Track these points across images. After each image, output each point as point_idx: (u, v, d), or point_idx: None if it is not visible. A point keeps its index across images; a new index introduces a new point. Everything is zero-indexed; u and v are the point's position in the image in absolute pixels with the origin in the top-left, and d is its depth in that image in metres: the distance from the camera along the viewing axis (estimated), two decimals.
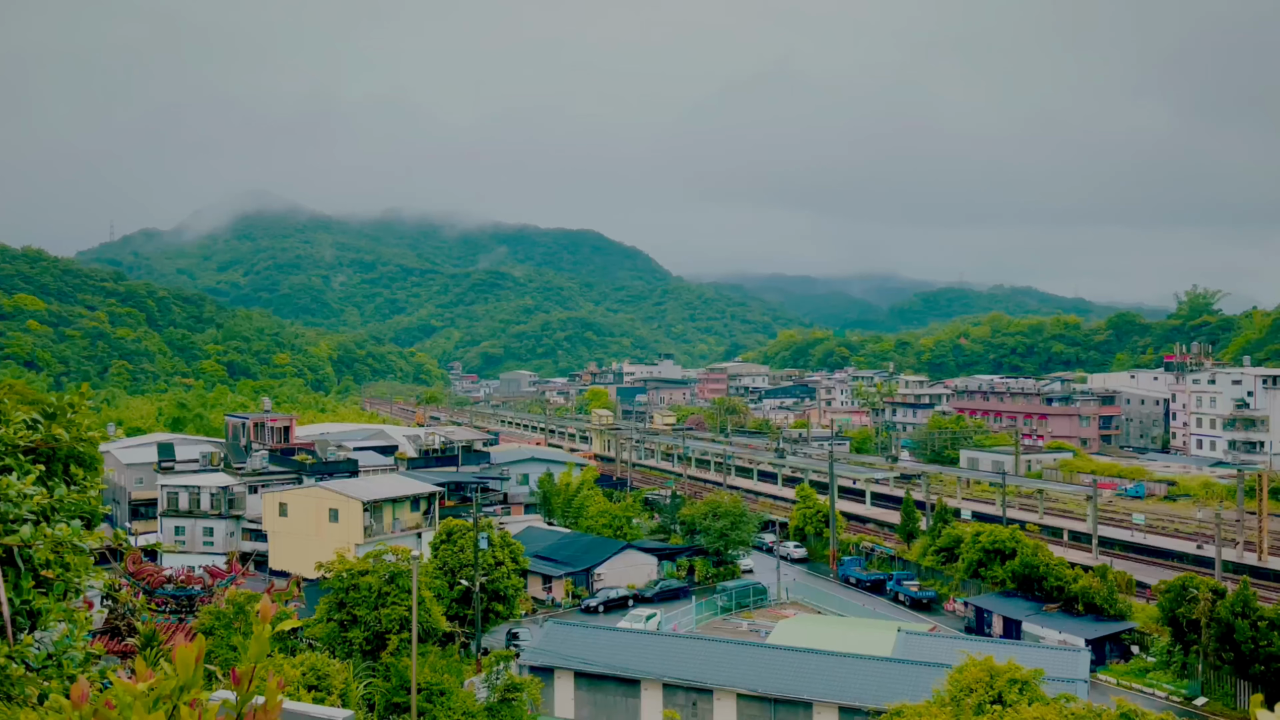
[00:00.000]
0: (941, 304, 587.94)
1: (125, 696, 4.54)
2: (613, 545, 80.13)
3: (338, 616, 43.59)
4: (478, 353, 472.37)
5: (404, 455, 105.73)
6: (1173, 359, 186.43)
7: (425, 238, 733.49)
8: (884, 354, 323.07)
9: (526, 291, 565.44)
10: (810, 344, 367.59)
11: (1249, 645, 51.04)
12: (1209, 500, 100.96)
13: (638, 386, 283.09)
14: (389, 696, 37.72)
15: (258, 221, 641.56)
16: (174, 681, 4.67)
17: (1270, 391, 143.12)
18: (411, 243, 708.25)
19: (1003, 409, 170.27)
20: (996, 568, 69.79)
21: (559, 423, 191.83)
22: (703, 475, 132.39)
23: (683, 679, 49.79)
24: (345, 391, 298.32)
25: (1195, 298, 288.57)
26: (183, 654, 4.66)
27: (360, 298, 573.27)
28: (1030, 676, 31.14)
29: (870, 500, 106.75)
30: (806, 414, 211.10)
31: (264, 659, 5.09)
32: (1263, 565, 75.08)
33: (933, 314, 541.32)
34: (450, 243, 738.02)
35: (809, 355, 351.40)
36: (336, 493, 74.34)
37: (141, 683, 4.65)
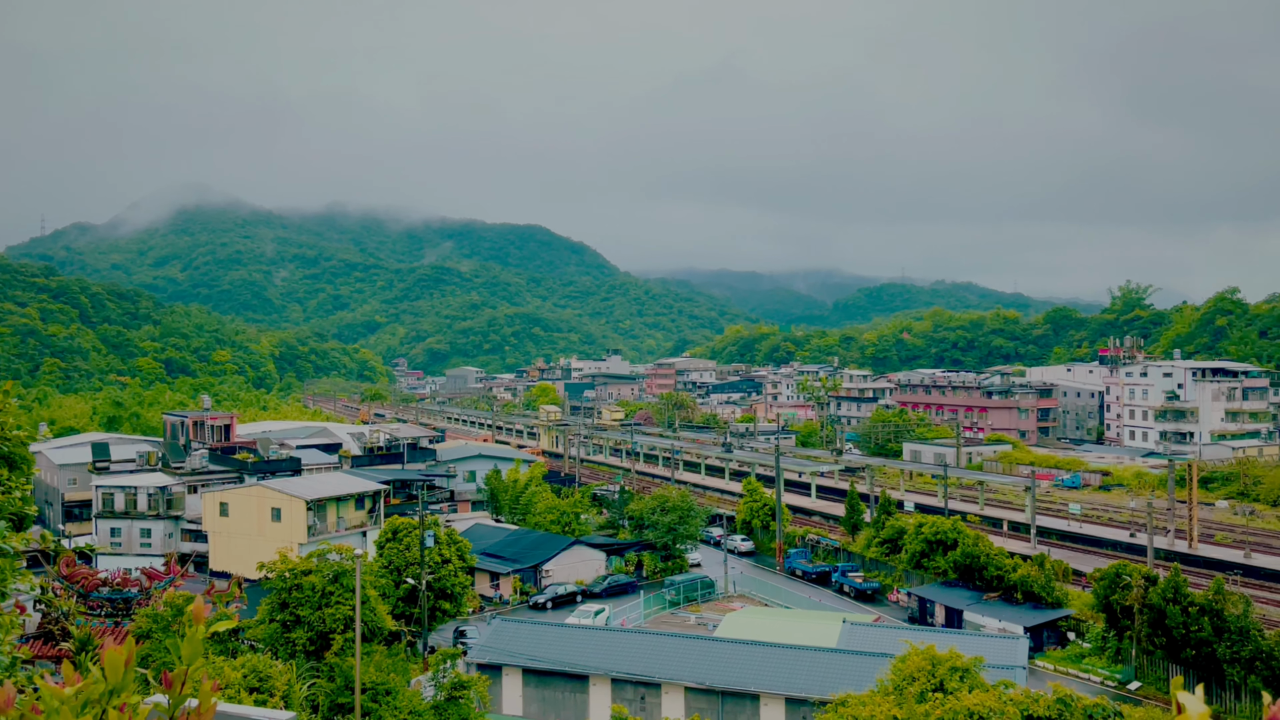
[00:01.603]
0: (884, 299, 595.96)
1: (52, 701, 4.42)
2: (561, 541, 79.99)
3: (280, 617, 42.91)
4: (423, 349, 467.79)
5: (348, 453, 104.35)
6: (1107, 353, 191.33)
7: (370, 232, 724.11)
8: (829, 349, 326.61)
9: (473, 287, 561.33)
10: (757, 339, 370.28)
11: (1180, 630, 52.57)
12: (1141, 490, 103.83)
13: (586, 382, 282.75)
14: (333, 697, 37.24)
15: (197, 216, 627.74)
16: (103, 685, 4.56)
17: (1199, 384, 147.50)
18: (355, 238, 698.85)
19: (944, 402, 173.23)
20: (939, 558, 71.02)
21: (506, 419, 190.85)
22: (651, 470, 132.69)
23: (631, 674, 49.90)
24: (288, 389, 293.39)
25: (1128, 293, 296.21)
26: (111, 657, 4.55)
27: (303, 293, 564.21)
28: (970, 664, 31.74)
29: (816, 493, 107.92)
30: (753, 408, 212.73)
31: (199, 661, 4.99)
32: (1193, 552, 77.41)
33: (876, 309, 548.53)
34: (395, 237, 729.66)
35: (755, 350, 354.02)
36: (279, 492, 73.13)
37: (69, 687, 4.54)
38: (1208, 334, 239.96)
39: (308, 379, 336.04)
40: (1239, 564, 73.93)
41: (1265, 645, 48.48)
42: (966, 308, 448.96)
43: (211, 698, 4.95)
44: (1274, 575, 71.72)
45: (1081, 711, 28.16)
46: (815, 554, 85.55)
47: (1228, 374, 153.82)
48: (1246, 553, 76.94)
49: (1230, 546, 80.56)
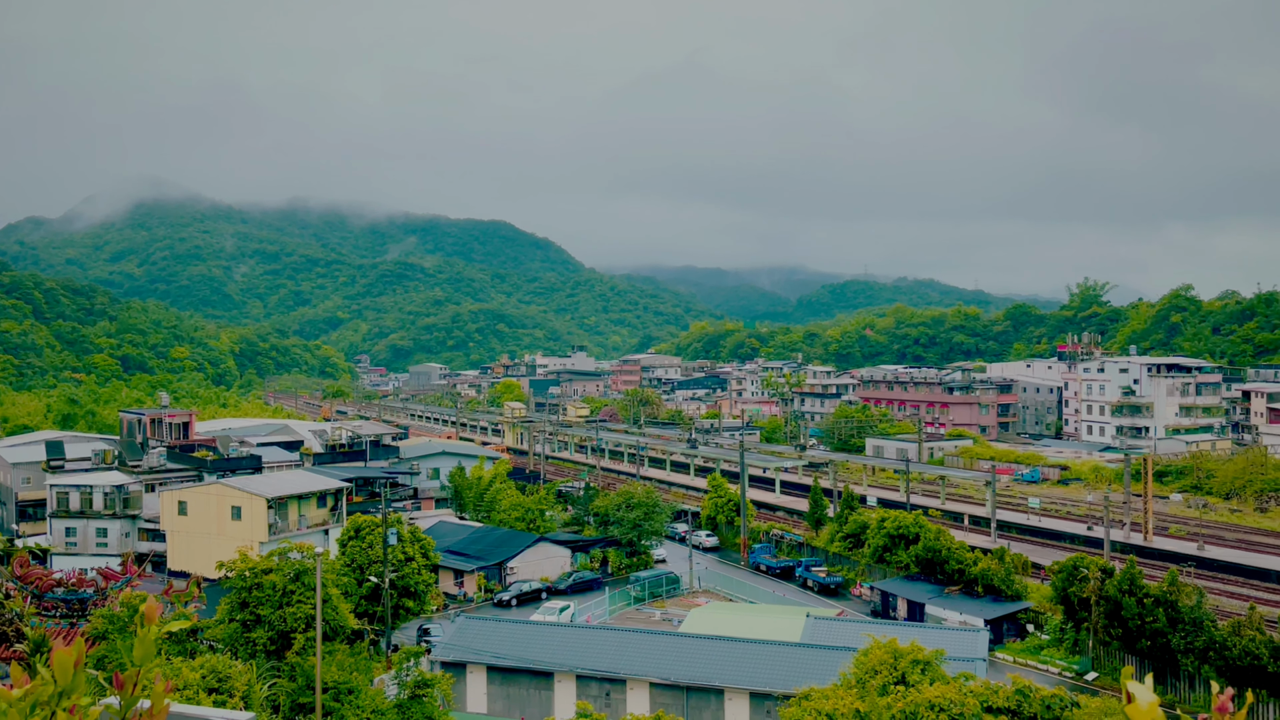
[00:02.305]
0: (847, 296, 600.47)
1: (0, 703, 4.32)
2: (526, 538, 79.78)
3: (240, 617, 42.40)
4: (386, 345, 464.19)
5: (310, 451, 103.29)
6: (1065, 349, 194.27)
7: (332, 228, 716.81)
8: (793, 345, 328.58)
9: (436, 283, 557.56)
10: (722, 335, 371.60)
11: (1135, 621, 53.54)
12: (1098, 484, 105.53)
13: (551, 379, 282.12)
14: (295, 697, 36.87)
15: (155, 210, 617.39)
16: (52, 687, 4.46)
17: (1154, 379, 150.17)
18: (317, 233, 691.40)
19: (906, 398, 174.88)
20: (901, 552, 71.73)
21: (471, 416, 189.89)
22: (616, 466, 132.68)
23: (596, 670, 49.90)
24: (248, 386, 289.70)
25: (1086, 290, 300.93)
26: (60, 658, 4.45)
27: (263, 289, 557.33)
28: (932, 657, 32.09)
29: (780, 488, 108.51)
30: (718, 404, 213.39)
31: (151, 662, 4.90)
32: (1148, 545, 78.80)
33: (839, 306, 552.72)
34: (358, 233, 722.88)
35: (720, 346, 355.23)
36: (239, 490, 72.21)
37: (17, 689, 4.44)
38: (1163, 330, 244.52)
39: (269, 376, 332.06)
40: (1193, 556, 75.38)
41: (1218, 636, 49.49)
42: (928, 304, 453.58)
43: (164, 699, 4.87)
44: (1226, 567, 73.25)
45: (1039, 702, 28.58)
46: (779, 549, 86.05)
47: (1182, 370, 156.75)
48: (1200, 545, 78.49)
49: (1184, 539, 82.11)
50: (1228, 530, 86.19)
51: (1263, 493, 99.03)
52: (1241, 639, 48.29)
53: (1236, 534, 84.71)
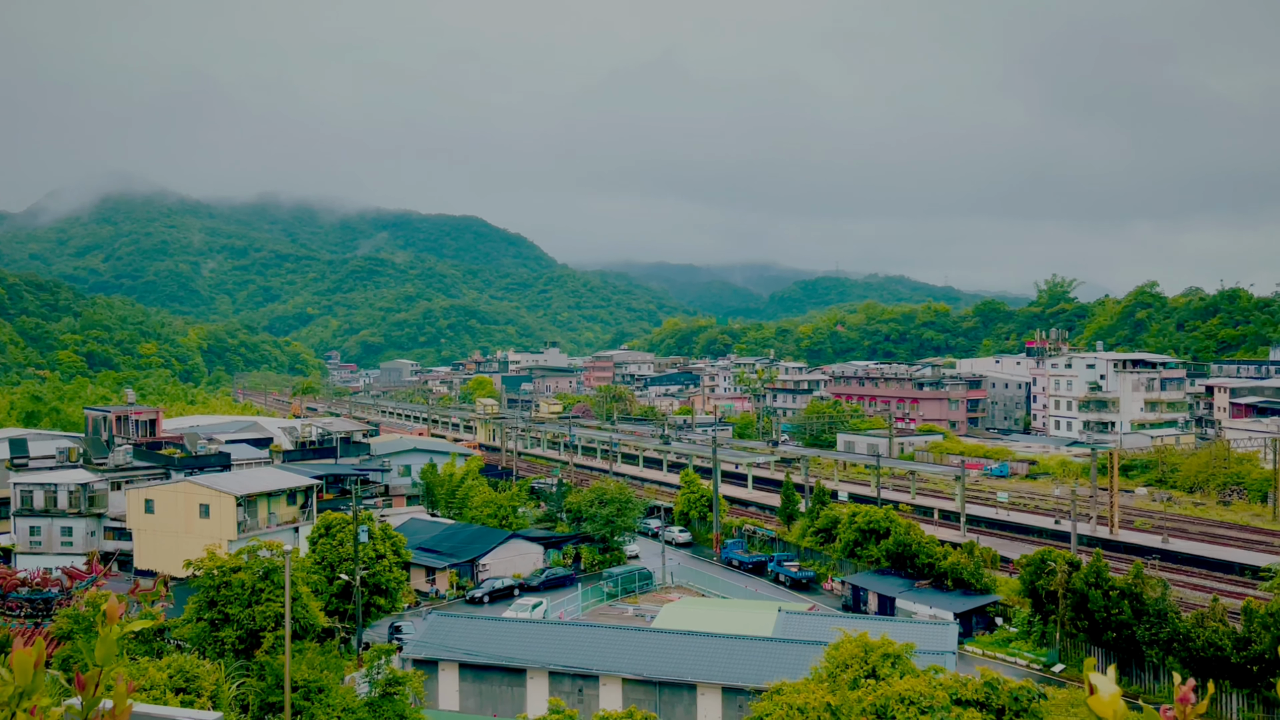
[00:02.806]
0: (819, 292, 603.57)
1: None
2: (498, 535, 79.55)
3: (208, 615, 41.97)
4: (357, 341, 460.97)
5: (279, 448, 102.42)
6: (1033, 345, 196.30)
7: (302, 223, 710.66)
8: (765, 341, 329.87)
9: (408, 279, 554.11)
10: (694, 331, 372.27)
11: (1102, 614, 54.24)
12: (1066, 478, 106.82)
13: (523, 375, 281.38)
14: (264, 696, 36.56)
15: (121, 205, 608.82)
16: (11, 688, 4.38)
17: (1120, 375, 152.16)
18: (287, 228, 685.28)
19: (877, 394, 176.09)
20: (872, 547, 72.22)
21: (442, 412, 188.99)
22: (589, 463, 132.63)
23: (568, 666, 49.87)
24: (216, 383, 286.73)
25: (1054, 286, 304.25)
26: (20, 659, 4.37)
27: (232, 285, 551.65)
28: (902, 651, 32.34)
29: (752, 484, 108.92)
30: (691, 400, 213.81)
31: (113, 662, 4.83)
32: (1114, 538, 79.88)
33: (811, 302, 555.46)
34: (328, 228, 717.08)
35: (693, 342, 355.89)
36: (207, 487, 71.44)
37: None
38: (1128, 326, 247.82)
39: (237, 372, 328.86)
40: (1157, 549, 76.51)
41: (1182, 627, 50.25)
42: (899, 300, 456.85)
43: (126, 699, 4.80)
44: (1190, 560, 74.38)
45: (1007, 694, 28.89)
46: (751, 544, 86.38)
47: (1147, 365, 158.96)
48: (1164, 538, 79.66)
49: (1149, 532, 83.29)
50: (1191, 523, 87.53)
51: (1225, 486, 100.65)
52: (1205, 630, 49.06)
53: (1200, 527, 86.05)
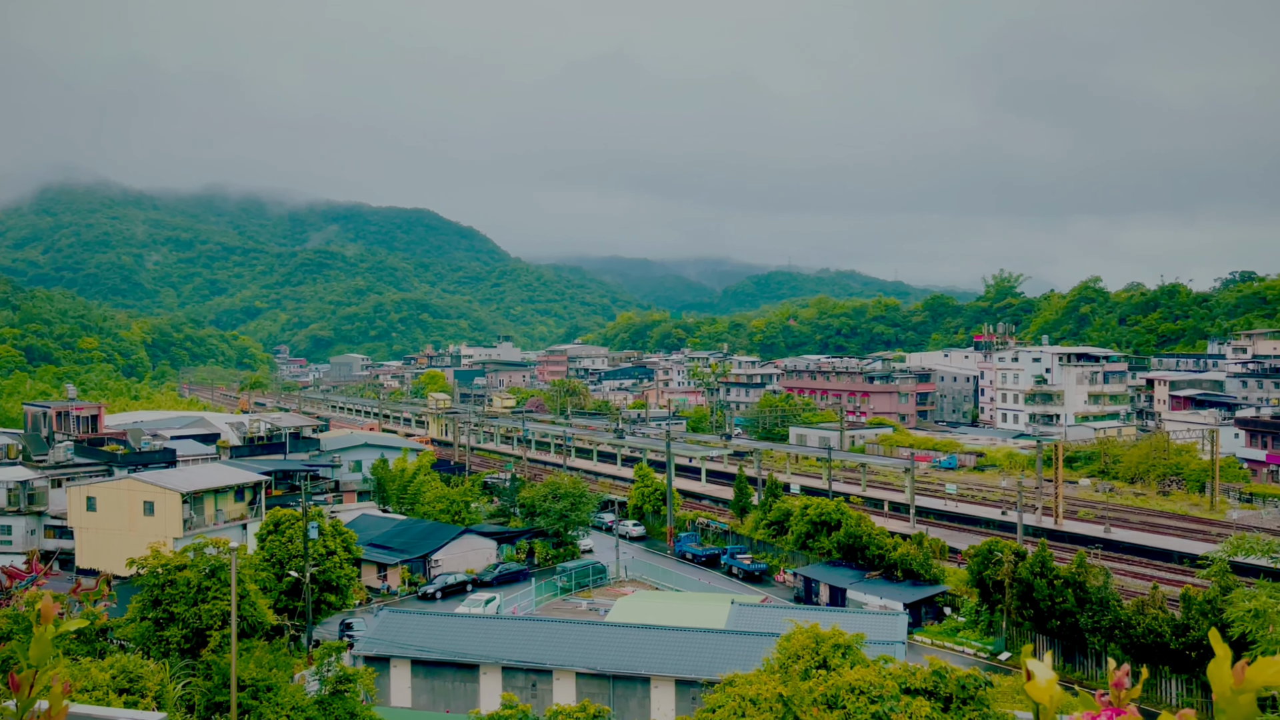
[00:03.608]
0: (772, 287, 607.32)
1: None
2: (450, 530, 79.05)
3: (152, 615, 41.16)
4: (306, 335, 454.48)
5: (226, 444, 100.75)
6: (981, 339, 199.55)
7: (250, 215, 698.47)
8: (718, 335, 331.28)
9: (358, 272, 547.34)
10: (648, 325, 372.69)
11: (1046, 602, 55.38)
12: (1013, 470, 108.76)
13: (476, 369, 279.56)
14: (210, 696, 35.96)
15: (61, 196, 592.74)
16: None
17: (1065, 368, 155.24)
18: (234, 220, 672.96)
19: (829, 387, 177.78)
20: (823, 539, 72.95)
21: (394, 407, 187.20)
22: (543, 457, 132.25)
23: (522, 661, 49.74)
24: (161, 377, 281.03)
25: (1001, 281, 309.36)
26: None
27: (177, 278, 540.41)
28: (852, 641, 32.69)
29: (706, 477, 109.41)
30: (645, 394, 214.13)
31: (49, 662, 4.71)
32: (1059, 528, 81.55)
33: (764, 296, 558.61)
34: (277, 220, 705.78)
35: (647, 337, 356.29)
36: (151, 484, 70.02)
37: None
38: (1073, 321, 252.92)
39: (183, 367, 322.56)
40: (1100, 538, 78.27)
41: (1123, 615, 51.47)
42: (850, 295, 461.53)
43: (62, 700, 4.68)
44: (1131, 548, 76.21)
45: (955, 682, 29.34)
46: (705, 537, 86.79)
47: (1090, 359, 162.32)
48: (1106, 528, 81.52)
49: (1092, 522, 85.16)
50: (1133, 513, 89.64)
51: (1164, 476, 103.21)
52: (1145, 617, 50.30)
53: (1141, 516, 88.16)
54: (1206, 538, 76.76)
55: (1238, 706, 2.62)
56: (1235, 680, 2.61)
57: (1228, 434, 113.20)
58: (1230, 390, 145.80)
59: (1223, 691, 2.63)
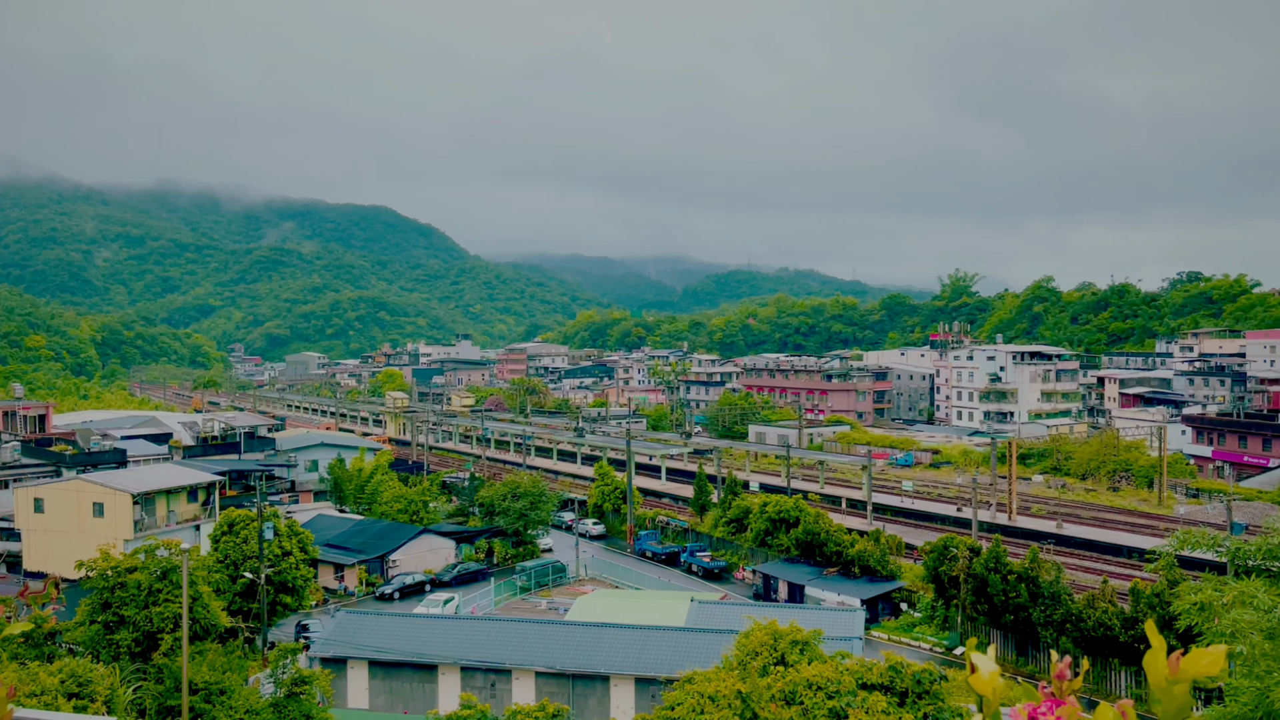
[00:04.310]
0: (732, 285, 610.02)
1: None
2: (408, 530, 78.44)
3: (102, 618, 40.39)
4: (261, 334, 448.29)
5: (179, 444, 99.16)
6: (937, 337, 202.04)
7: (204, 212, 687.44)
8: (679, 334, 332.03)
9: (314, 269, 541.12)
10: (609, 324, 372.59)
11: (1000, 597, 56.22)
12: (967, 466, 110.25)
13: (434, 368, 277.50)
14: (162, 700, 35.37)
15: (8, 191, 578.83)
16: None
17: (1018, 366, 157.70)
18: (187, 217, 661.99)
19: (787, 385, 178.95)
20: (782, 536, 73.42)
21: (351, 406, 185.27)
22: (502, 456, 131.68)
23: (480, 661, 49.51)
24: (112, 376, 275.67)
25: (956, 281, 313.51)
26: None
27: (128, 275, 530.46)
28: (810, 637, 32.96)
29: (666, 475, 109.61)
30: (605, 393, 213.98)
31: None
32: (1012, 524, 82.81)
33: (724, 295, 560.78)
34: (232, 217, 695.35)
35: (607, 335, 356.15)
36: (101, 485, 68.68)
37: None
38: (1026, 320, 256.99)
39: (134, 366, 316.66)
40: (1052, 534, 79.62)
41: (1074, 609, 52.41)
42: (809, 294, 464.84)
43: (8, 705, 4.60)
44: (1082, 544, 77.59)
45: (911, 677, 29.72)
46: (665, 535, 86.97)
47: (1043, 357, 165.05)
48: (1059, 523, 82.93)
49: (1044, 518, 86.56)
50: (1084, 509, 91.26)
51: (1114, 473, 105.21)
52: (1095, 611, 51.26)
53: (1091, 512, 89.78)
54: (1155, 532, 78.33)
55: (1172, 696, 2.69)
56: (1170, 671, 2.68)
57: (1175, 431, 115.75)
58: (1178, 388, 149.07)
59: (1158, 682, 2.70)
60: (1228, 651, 13.94)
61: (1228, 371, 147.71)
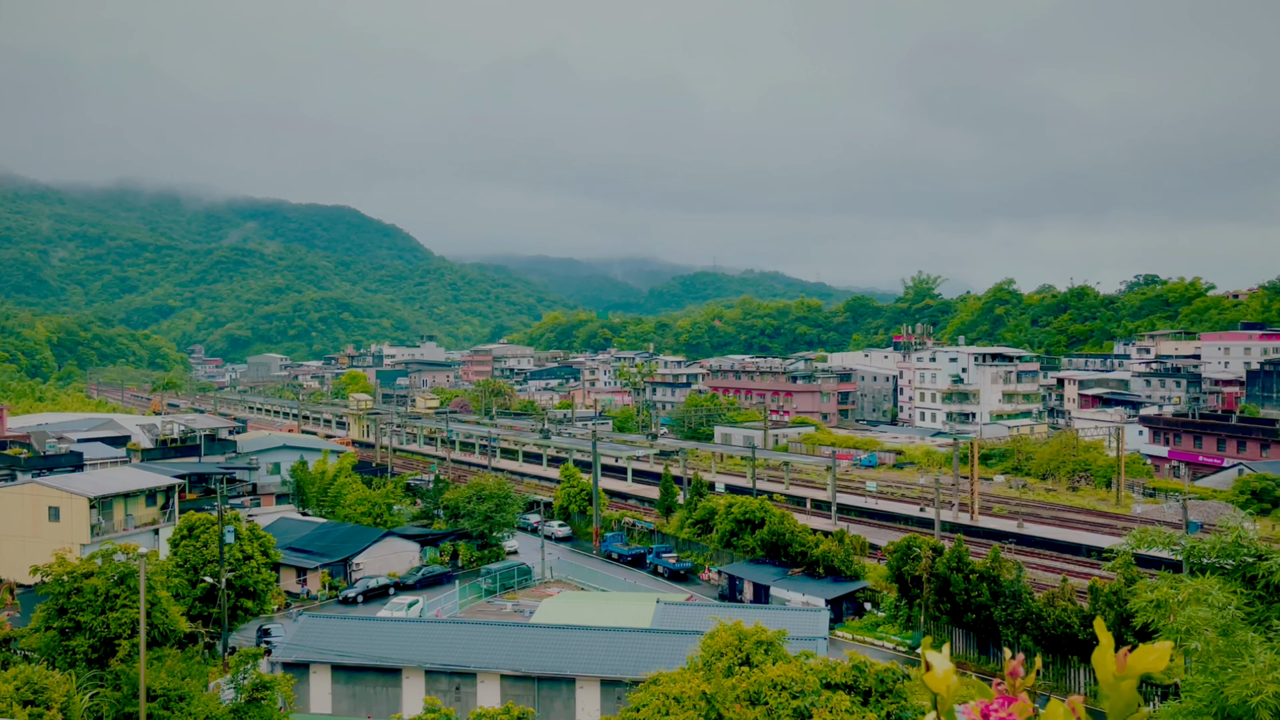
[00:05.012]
0: (698, 287, 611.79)
1: None
2: (372, 533, 77.80)
3: (58, 624, 39.67)
4: (222, 335, 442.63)
5: (138, 446, 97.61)
6: (900, 339, 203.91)
7: (164, 211, 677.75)
8: (645, 335, 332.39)
9: (277, 270, 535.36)
10: (575, 325, 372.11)
11: (963, 596, 56.84)
12: (930, 467, 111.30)
13: (399, 369, 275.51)
14: (119, 706, 34.80)
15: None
16: None
17: (980, 368, 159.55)
18: (147, 216, 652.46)
19: (753, 387, 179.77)
20: (747, 537, 73.69)
21: (314, 408, 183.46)
22: (467, 458, 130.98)
23: (445, 664, 49.21)
24: (68, 378, 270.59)
25: (919, 283, 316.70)
26: None
27: (85, 275, 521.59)
28: (774, 638, 33.13)
29: (632, 477, 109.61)
30: (571, 394, 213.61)
31: None
32: (975, 524, 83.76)
33: (690, 297, 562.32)
34: (192, 217, 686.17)
35: (573, 336, 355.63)
36: (57, 489, 67.44)
37: None
38: (988, 322, 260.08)
39: (92, 367, 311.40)
40: (1013, 533, 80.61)
41: (1034, 607, 53.11)
42: (774, 296, 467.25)
43: None
44: (1043, 543, 78.65)
45: (874, 676, 29.97)
46: (631, 537, 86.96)
47: (1005, 359, 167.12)
48: (1020, 523, 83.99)
49: (1006, 517, 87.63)
50: (1044, 508, 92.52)
51: (1074, 473, 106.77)
52: (1055, 609, 51.99)
53: (1051, 511, 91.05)
54: (1113, 531, 79.59)
55: (1120, 692, 2.74)
56: (1118, 667, 2.74)
57: (1132, 431, 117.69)
58: (1135, 389, 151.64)
59: (1106, 678, 2.76)
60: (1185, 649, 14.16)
61: (1183, 373, 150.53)
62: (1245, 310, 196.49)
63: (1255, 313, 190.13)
